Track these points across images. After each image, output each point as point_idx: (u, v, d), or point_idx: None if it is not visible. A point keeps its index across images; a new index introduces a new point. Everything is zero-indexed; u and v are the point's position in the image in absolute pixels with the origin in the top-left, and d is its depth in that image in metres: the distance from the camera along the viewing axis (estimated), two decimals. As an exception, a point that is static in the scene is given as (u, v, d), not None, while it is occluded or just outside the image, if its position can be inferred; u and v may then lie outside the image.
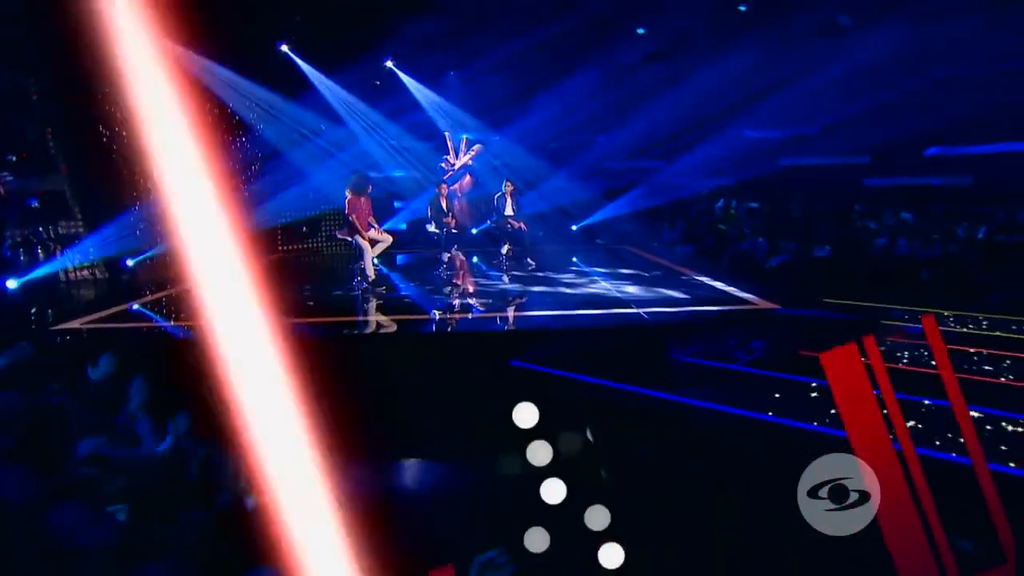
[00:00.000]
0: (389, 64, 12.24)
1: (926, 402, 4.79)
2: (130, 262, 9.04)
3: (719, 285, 8.41)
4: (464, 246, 11.93)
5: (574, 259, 10.96)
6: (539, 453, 3.26)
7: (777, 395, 5.09)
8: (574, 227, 13.41)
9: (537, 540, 3.01)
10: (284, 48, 10.94)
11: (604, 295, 7.92)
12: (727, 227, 12.06)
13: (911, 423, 4.47)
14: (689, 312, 7.04)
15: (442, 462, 4.41)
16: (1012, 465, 4.03)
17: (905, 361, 5.92)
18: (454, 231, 10.16)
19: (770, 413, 4.82)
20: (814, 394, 5.08)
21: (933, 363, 2.89)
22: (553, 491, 3.19)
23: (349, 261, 10.02)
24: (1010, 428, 4.54)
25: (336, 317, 7.15)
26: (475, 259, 11.35)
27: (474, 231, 12.54)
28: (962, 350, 6.16)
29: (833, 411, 4.65)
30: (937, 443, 4.20)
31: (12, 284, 7.75)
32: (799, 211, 12.07)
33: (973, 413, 3.40)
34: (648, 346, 6.18)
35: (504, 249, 10.52)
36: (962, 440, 2.65)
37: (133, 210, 8.85)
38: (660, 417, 5.01)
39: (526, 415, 3.26)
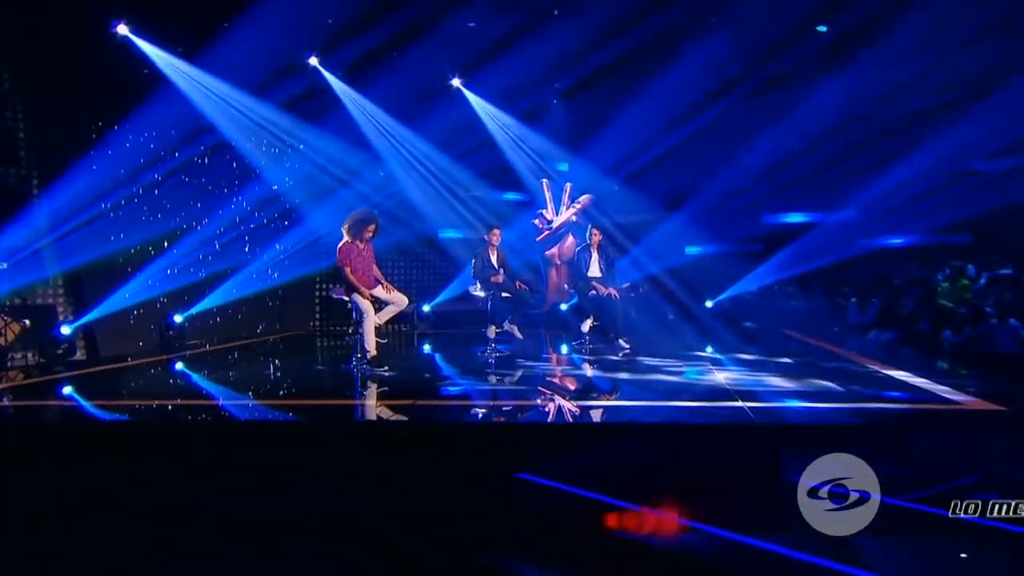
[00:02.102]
0: (456, 83, 12.04)
1: None
2: (66, 329, 8.91)
3: (910, 378, 6.93)
4: (556, 328, 11.45)
5: (708, 348, 9.46)
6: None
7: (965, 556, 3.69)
8: (709, 303, 12.61)
9: None
10: (313, 61, 11.05)
11: (697, 384, 6.94)
12: (955, 304, 10.46)
13: None
14: (831, 410, 5.68)
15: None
16: None
17: None
18: (506, 295, 9.22)
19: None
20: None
21: None
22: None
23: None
24: None
25: (300, 400, 6.81)
26: (562, 346, 10.18)
27: (563, 306, 11.78)
28: None
29: None
30: None
31: None
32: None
33: None
34: (745, 458, 4.96)
35: (585, 325, 9.38)
36: None
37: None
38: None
39: None
